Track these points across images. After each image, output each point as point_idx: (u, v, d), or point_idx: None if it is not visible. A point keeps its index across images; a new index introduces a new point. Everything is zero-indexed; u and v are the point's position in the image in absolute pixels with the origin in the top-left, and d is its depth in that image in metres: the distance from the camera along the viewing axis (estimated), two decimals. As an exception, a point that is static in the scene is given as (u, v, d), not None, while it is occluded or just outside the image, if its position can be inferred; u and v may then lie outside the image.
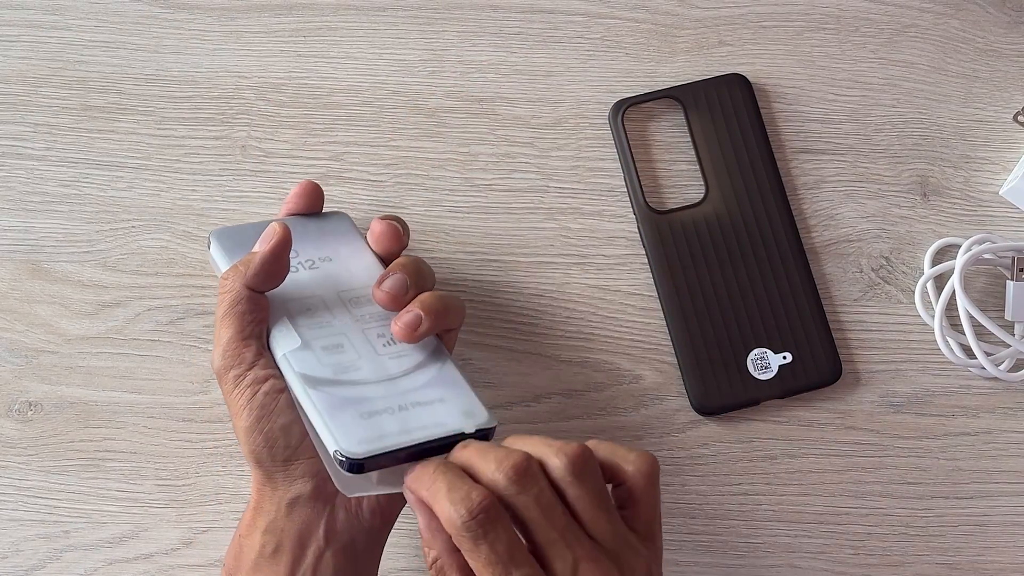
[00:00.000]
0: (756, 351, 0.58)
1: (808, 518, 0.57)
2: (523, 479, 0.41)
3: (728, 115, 0.60)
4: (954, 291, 0.57)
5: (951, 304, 0.58)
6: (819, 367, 0.58)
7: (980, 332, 0.58)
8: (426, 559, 0.43)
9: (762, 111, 0.61)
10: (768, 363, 0.57)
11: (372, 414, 0.46)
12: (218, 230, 0.54)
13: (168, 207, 0.60)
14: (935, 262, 0.59)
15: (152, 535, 0.57)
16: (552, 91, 0.62)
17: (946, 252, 0.60)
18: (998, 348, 0.58)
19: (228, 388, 0.48)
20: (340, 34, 0.62)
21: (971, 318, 0.57)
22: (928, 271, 0.59)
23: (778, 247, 0.59)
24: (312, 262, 0.53)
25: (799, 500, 0.57)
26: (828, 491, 0.57)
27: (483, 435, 0.46)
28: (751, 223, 0.59)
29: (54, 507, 0.57)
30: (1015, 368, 0.58)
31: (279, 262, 0.50)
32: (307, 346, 0.49)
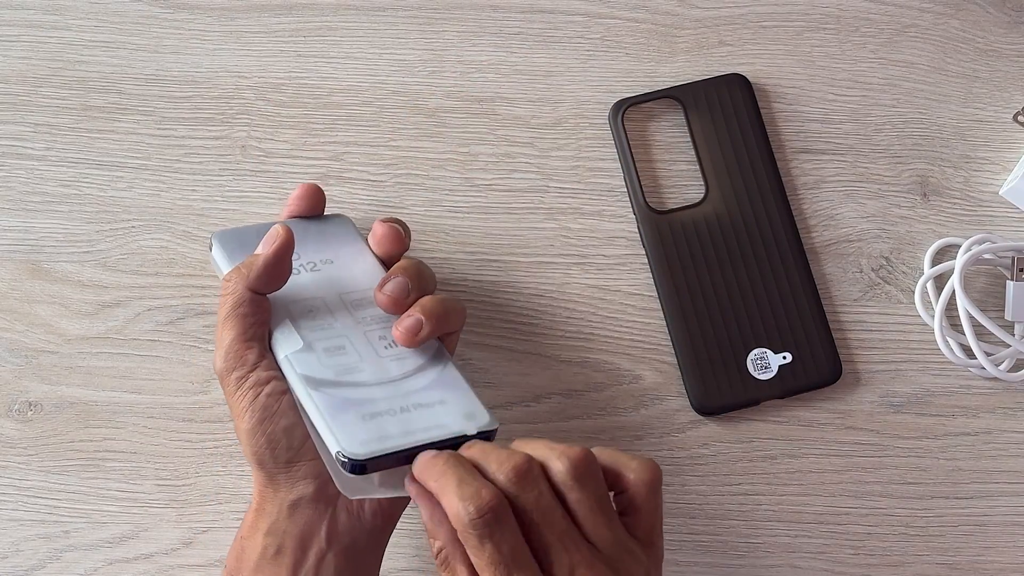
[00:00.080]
0: (756, 351, 0.58)
1: (808, 518, 0.57)
2: (523, 481, 0.41)
3: (728, 115, 0.60)
4: (954, 291, 0.57)
5: (951, 304, 0.58)
6: (819, 367, 0.58)
7: (980, 332, 0.58)
8: (431, 548, 0.44)
9: (762, 111, 0.61)
10: (768, 363, 0.57)
11: (374, 416, 0.46)
12: (220, 232, 0.54)
13: (168, 207, 0.60)
14: (935, 262, 0.59)
15: (152, 535, 0.57)
16: (552, 91, 0.62)
17: (946, 252, 0.60)
18: (998, 348, 0.58)
19: (230, 390, 0.48)
20: (340, 34, 0.62)
21: (971, 318, 0.57)
22: (928, 271, 0.59)
23: (778, 247, 0.59)
24: (314, 264, 0.53)
25: (799, 500, 0.57)
26: (828, 491, 0.57)
27: (485, 437, 0.46)
28: (751, 223, 0.59)
29: (54, 507, 0.57)
30: (1015, 368, 0.58)
31: (282, 264, 0.50)
32: (309, 348, 0.49)
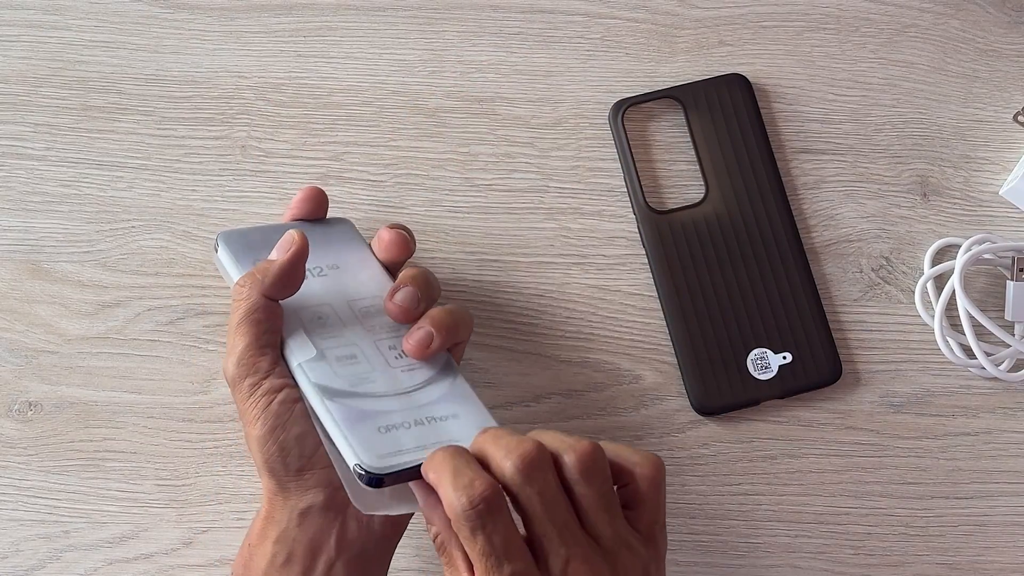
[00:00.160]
0: (756, 351, 0.58)
1: (808, 518, 0.57)
2: (530, 470, 0.41)
3: (728, 115, 0.60)
4: (954, 291, 0.57)
5: (951, 304, 0.58)
6: (819, 367, 0.58)
7: (980, 332, 0.58)
8: (429, 532, 0.44)
9: (762, 111, 0.61)
10: (768, 363, 0.57)
11: (389, 428, 0.46)
12: (225, 232, 0.53)
13: (168, 207, 0.60)
14: (935, 262, 0.59)
15: (152, 535, 0.57)
16: (552, 91, 0.62)
17: (946, 252, 0.60)
18: (998, 348, 0.58)
19: (242, 396, 0.48)
20: (340, 34, 0.62)
21: (971, 318, 0.57)
22: (928, 271, 0.59)
23: (778, 247, 0.59)
24: (320, 269, 0.52)
25: (799, 500, 0.57)
26: (828, 491, 0.57)
27: None
28: (751, 223, 0.59)
29: (54, 507, 0.57)
30: (1015, 368, 0.58)
31: (297, 271, 0.50)
32: (322, 356, 0.48)
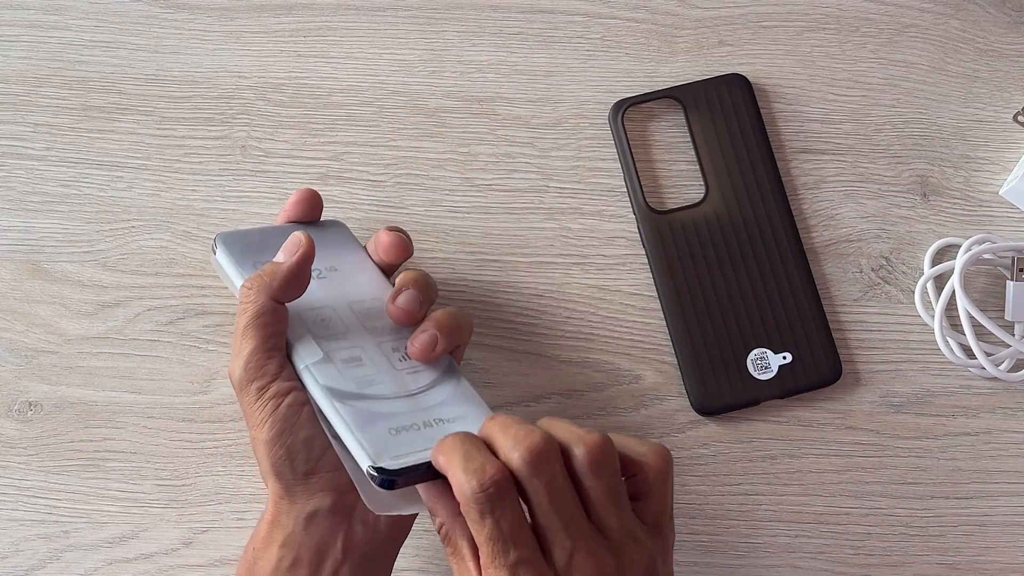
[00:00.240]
0: (756, 351, 0.58)
1: (808, 518, 0.57)
2: (537, 462, 0.41)
3: (728, 115, 0.60)
4: (954, 291, 0.57)
5: (951, 304, 0.58)
6: (819, 367, 0.58)
7: (980, 332, 0.58)
8: (434, 524, 0.44)
9: (762, 111, 0.61)
10: (768, 363, 0.57)
11: (400, 430, 0.46)
12: (223, 234, 0.53)
13: (168, 207, 0.60)
14: (935, 262, 0.59)
15: (152, 535, 0.57)
16: (552, 91, 0.62)
17: (946, 252, 0.60)
18: (998, 348, 0.58)
19: (249, 400, 0.48)
20: (340, 34, 0.62)
21: (971, 318, 0.57)
22: (928, 271, 0.59)
23: (778, 247, 0.59)
24: (319, 272, 0.52)
25: (799, 500, 0.57)
26: (828, 491, 0.57)
27: None
28: (751, 223, 0.59)
29: (54, 507, 0.57)
30: (1015, 368, 0.58)
31: (304, 273, 0.50)
32: (328, 359, 0.48)
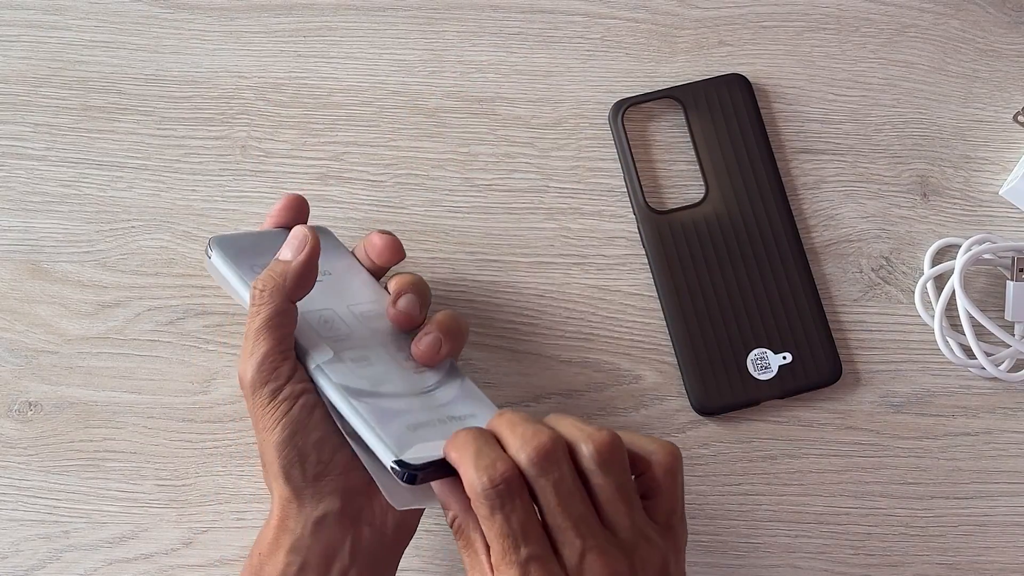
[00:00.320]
0: (756, 351, 0.58)
1: (808, 518, 0.57)
2: (544, 462, 0.41)
3: (728, 115, 0.60)
4: (954, 291, 0.57)
5: (951, 304, 0.58)
6: (819, 367, 0.58)
7: (980, 332, 0.58)
8: (446, 517, 0.44)
9: (762, 111, 0.61)
10: (768, 363, 0.57)
11: (417, 426, 0.46)
12: (216, 237, 0.52)
13: (168, 207, 0.60)
14: (935, 262, 0.59)
15: (152, 535, 0.57)
16: (552, 91, 0.62)
17: (946, 252, 0.60)
18: (998, 348, 0.58)
19: (262, 402, 0.47)
20: (340, 34, 0.62)
21: (971, 318, 0.57)
22: (928, 271, 0.59)
23: (778, 247, 0.59)
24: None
25: (799, 500, 0.57)
26: (828, 491, 0.57)
27: None
28: (751, 223, 0.59)
29: (54, 507, 0.57)
30: (1015, 368, 0.58)
31: (313, 270, 0.49)
32: (339, 358, 0.48)
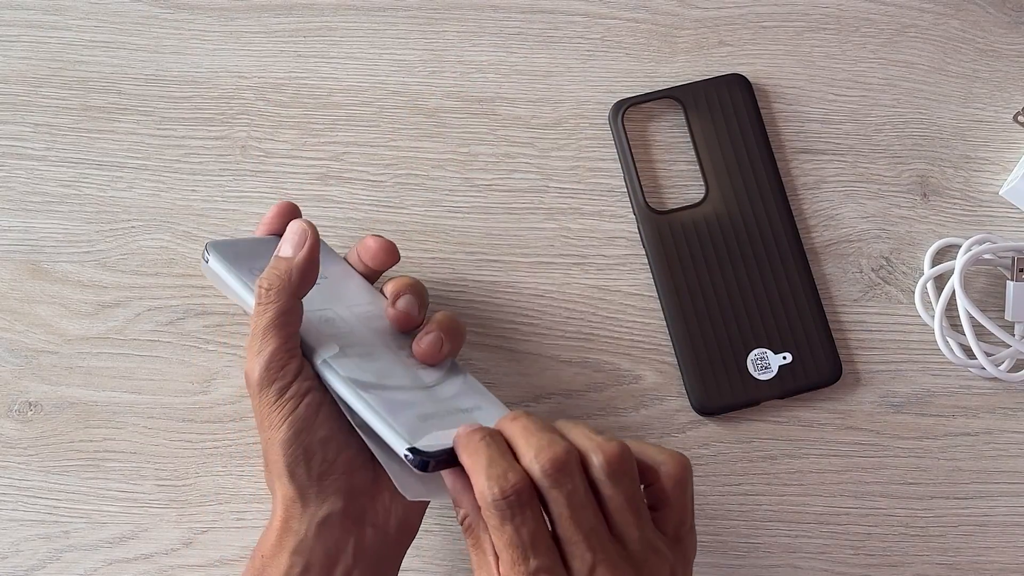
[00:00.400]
0: (756, 351, 0.58)
1: (808, 518, 0.57)
2: (558, 475, 0.41)
3: (728, 115, 0.60)
4: (954, 291, 0.57)
5: (951, 304, 0.58)
6: (819, 367, 0.58)
7: (980, 332, 0.58)
8: (457, 515, 0.44)
9: (762, 111, 0.61)
10: (768, 363, 0.57)
11: (426, 417, 0.46)
12: (213, 242, 0.52)
13: (168, 207, 0.60)
14: (935, 262, 0.59)
15: (152, 535, 0.57)
16: (552, 91, 0.62)
17: (946, 252, 0.60)
18: (998, 348, 0.58)
19: (269, 400, 0.47)
20: (340, 34, 0.62)
21: (971, 318, 0.57)
22: (928, 271, 0.59)
23: (778, 247, 0.59)
24: None
25: (799, 500, 0.57)
26: (828, 491, 0.57)
27: None
28: (751, 223, 0.59)
29: (54, 507, 0.57)
30: (1015, 368, 0.58)
31: (316, 264, 0.49)
32: (344, 353, 0.48)
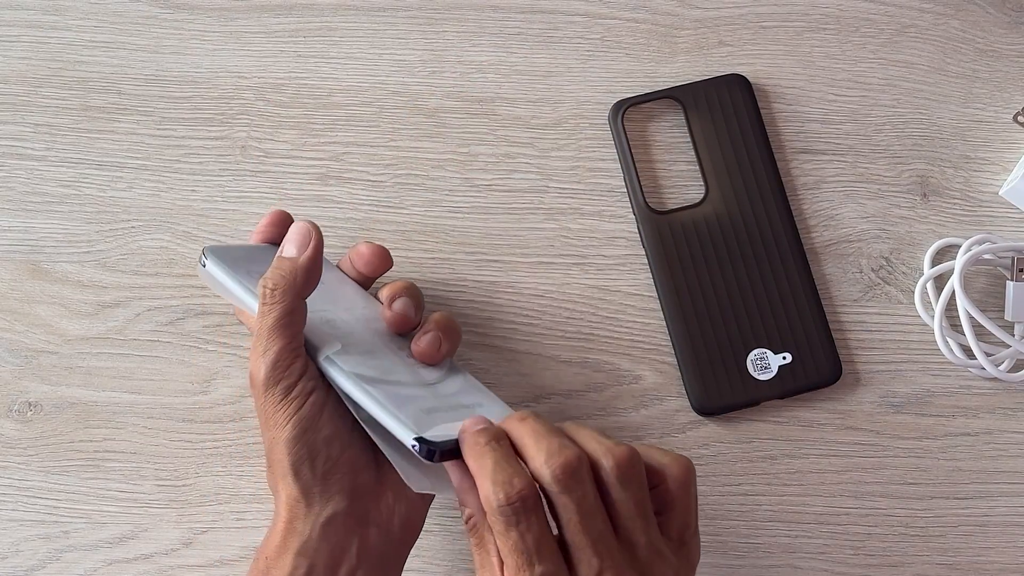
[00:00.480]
0: (756, 351, 0.58)
1: (808, 518, 0.57)
2: (569, 480, 0.41)
3: (728, 115, 0.60)
4: (954, 291, 0.57)
5: (951, 304, 0.58)
6: (819, 367, 0.58)
7: (980, 332, 0.58)
8: (462, 513, 0.44)
9: (762, 111, 0.61)
10: (768, 363, 0.57)
11: (430, 411, 0.46)
12: (210, 247, 0.52)
13: (168, 207, 0.60)
14: (935, 262, 0.59)
15: (152, 535, 0.57)
16: (552, 91, 0.62)
17: (946, 252, 0.60)
18: (998, 348, 0.58)
19: (274, 399, 0.47)
20: (340, 34, 0.62)
21: (971, 318, 0.57)
22: (928, 271, 0.59)
23: (778, 247, 0.59)
24: None
25: (799, 500, 0.57)
26: (828, 491, 0.57)
27: None
28: (751, 223, 0.59)
29: (54, 507, 0.57)
30: (1015, 368, 0.58)
31: (320, 264, 0.50)
32: (347, 350, 0.48)
